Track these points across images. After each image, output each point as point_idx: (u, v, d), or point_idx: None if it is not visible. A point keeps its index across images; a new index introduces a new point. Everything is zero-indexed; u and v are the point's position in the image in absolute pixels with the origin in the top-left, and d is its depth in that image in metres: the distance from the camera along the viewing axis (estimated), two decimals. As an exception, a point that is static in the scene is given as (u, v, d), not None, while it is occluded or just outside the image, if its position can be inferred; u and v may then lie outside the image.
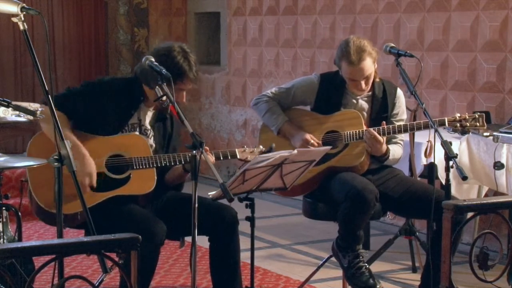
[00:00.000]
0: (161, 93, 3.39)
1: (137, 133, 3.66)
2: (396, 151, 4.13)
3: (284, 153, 3.33)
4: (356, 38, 4.00)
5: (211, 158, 3.58)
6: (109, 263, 2.52)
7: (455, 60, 5.66)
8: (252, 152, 3.68)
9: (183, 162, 3.59)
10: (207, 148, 3.63)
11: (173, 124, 3.78)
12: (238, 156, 3.64)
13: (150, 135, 3.70)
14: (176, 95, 3.44)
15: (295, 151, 3.34)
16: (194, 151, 3.17)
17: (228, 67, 7.75)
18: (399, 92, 4.19)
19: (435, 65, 5.79)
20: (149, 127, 3.70)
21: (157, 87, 3.40)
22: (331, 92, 4.12)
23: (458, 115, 3.93)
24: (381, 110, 4.13)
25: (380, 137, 3.92)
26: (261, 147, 3.73)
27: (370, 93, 4.14)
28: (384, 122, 3.98)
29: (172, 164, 3.57)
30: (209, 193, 3.37)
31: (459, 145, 4.71)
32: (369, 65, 3.96)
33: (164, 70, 3.35)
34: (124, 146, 3.58)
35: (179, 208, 3.64)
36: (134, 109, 3.66)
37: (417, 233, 4.66)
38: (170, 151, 3.76)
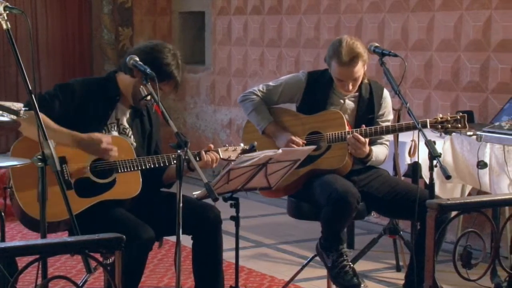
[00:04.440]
0: (146, 93, 3.38)
1: (115, 134, 3.64)
2: (380, 152, 4.13)
3: (269, 152, 3.34)
4: (350, 39, 3.98)
5: (213, 156, 3.57)
6: (93, 263, 2.51)
7: (439, 59, 5.68)
8: (234, 150, 3.67)
9: (167, 164, 3.57)
10: (211, 145, 3.63)
11: (151, 120, 3.76)
12: (221, 155, 3.63)
13: (130, 133, 3.68)
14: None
15: (280, 151, 3.34)
16: (179, 151, 3.17)
17: (212, 66, 7.75)
18: (386, 93, 4.20)
19: (419, 64, 5.81)
20: (127, 125, 3.68)
21: (141, 86, 3.39)
22: (317, 91, 4.12)
23: (440, 116, 3.94)
24: (367, 110, 4.14)
25: (363, 139, 3.92)
26: (242, 145, 3.72)
27: (357, 93, 4.14)
28: (363, 125, 3.98)
29: (157, 165, 3.56)
30: (193, 193, 3.36)
31: (442, 145, 4.73)
32: (359, 68, 3.97)
33: (148, 70, 3.34)
34: None
35: (162, 207, 3.62)
36: (111, 109, 3.64)
37: (401, 232, 4.68)
38: (152, 148, 3.74)
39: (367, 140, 3.94)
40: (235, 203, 3.45)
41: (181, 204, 3.12)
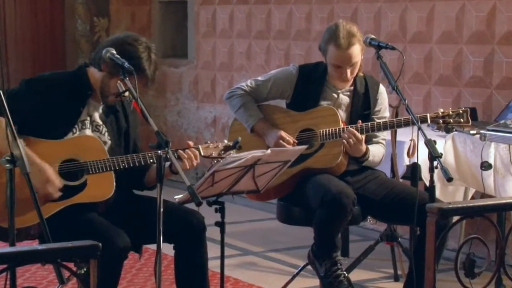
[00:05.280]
0: (123, 88, 3.37)
1: (89, 131, 3.63)
2: (377, 152, 4.14)
3: (256, 153, 3.33)
4: (346, 23, 4.05)
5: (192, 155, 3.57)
6: (66, 274, 2.50)
7: (440, 53, 5.70)
8: (216, 148, 3.66)
9: (143, 163, 3.56)
10: (190, 142, 3.62)
11: (127, 117, 3.75)
12: (201, 153, 3.63)
13: (104, 131, 3.67)
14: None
15: (269, 151, 3.35)
16: (159, 151, 3.16)
17: (196, 60, 7.74)
18: (382, 88, 4.21)
19: (418, 58, 5.83)
20: (100, 122, 3.67)
21: (118, 81, 3.38)
22: (310, 85, 4.14)
23: (441, 110, 3.96)
24: (362, 106, 4.15)
25: (359, 135, 3.93)
26: (225, 141, 3.72)
27: (351, 87, 4.16)
28: (360, 121, 4.00)
29: (131, 165, 3.55)
30: (175, 197, 3.36)
31: (444, 144, 4.74)
32: (357, 52, 4.00)
33: (126, 64, 3.34)
34: (77, 149, 3.53)
35: (141, 212, 3.62)
36: (82, 105, 3.62)
37: (400, 239, 4.69)
38: (130, 148, 3.73)
39: (363, 137, 3.96)
40: (220, 207, 3.44)
41: (161, 209, 3.11)
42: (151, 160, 3.55)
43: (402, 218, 4.04)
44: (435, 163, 3.56)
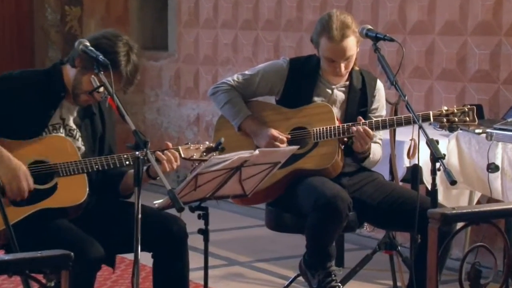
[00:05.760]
0: (97, 84, 3.37)
1: (61, 133, 3.62)
2: (376, 151, 4.17)
3: (243, 154, 3.34)
4: (340, 13, 4.06)
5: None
6: (34, 286, 2.49)
7: (442, 45, 5.71)
8: (197, 149, 3.66)
9: (118, 165, 3.56)
10: (169, 143, 3.60)
11: (104, 121, 3.74)
12: (182, 155, 3.63)
13: (77, 136, 3.66)
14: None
15: (257, 152, 3.35)
16: (137, 152, 3.16)
17: (177, 52, 7.73)
18: (379, 84, 4.23)
19: (419, 50, 5.84)
20: (74, 126, 3.66)
21: (92, 76, 3.38)
22: (302, 80, 4.15)
23: (445, 108, 3.98)
24: (359, 103, 4.17)
25: (371, 132, 3.95)
26: (207, 142, 3.72)
27: (347, 82, 4.17)
28: (360, 118, 4.01)
29: (106, 167, 3.54)
30: (154, 202, 3.35)
31: (447, 144, 4.76)
32: (352, 45, 4.01)
33: (101, 57, 3.33)
34: (47, 150, 3.52)
35: (116, 219, 3.61)
36: (55, 107, 3.61)
37: (399, 248, 4.70)
38: (105, 153, 3.72)
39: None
40: (203, 213, 3.44)
41: (139, 216, 3.11)
42: (127, 162, 3.54)
43: (402, 224, 4.05)
44: (437, 164, 3.57)
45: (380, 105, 4.23)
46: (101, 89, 3.39)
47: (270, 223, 4.26)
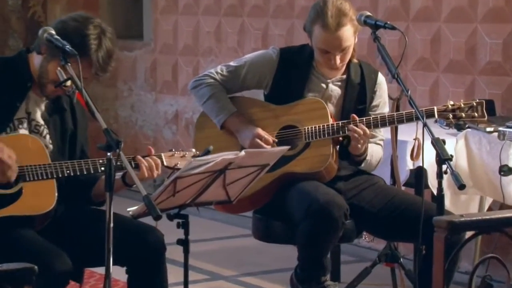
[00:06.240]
0: (64, 76, 3.37)
1: (24, 131, 3.61)
2: (375, 152, 4.17)
3: (228, 155, 3.34)
4: None
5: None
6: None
7: (449, 33, 5.73)
8: (183, 157, 3.67)
9: (92, 171, 3.55)
10: (151, 148, 3.60)
11: (75, 117, 3.74)
12: (164, 163, 3.64)
13: (44, 132, 3.66)
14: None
15: (243, 153, 3.36)
16: (109, 154, 3.16)
17: (153, 42, 7.72)
18: (381, 78, 4.23)
19: (424, 40, 5.86)
20: (41, 122, 3.66)
21: (58, 69, 3.37)
22: (293, 73, 4.15)
23: (451, 103, 3.99)
24: (357, 99, 4.17)
25: (369, 132, 3.95)
26: (193, 150, 3.73)
27: (344, 76, 4.18)
28: (354, 115, 4.01)
29: (78, 173, 3.54)
30: (128, 209, 3.36)
31: (455, 144, 4.77)
32: (349, 34, 4.02)
33: (68, 46, 3.33)
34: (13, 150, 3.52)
35: (86, 229, 3.61)
36: (20, 100, 3.61)
37: (402, 260, 4.72)
38: (76, 155, 3.72)
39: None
40: (183, 222, 3.45)
41: (111, 225, 3.11)
42: (103, 168, 3.52)
43: (405, 234, 4.06)
44: (444, 167, 3.58)
45: (382, 102, 4.22)
46: (69, 82, 3.39)
47: (257, 232, 4.27)
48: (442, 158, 3.57)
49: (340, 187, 4.09)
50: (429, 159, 4.15)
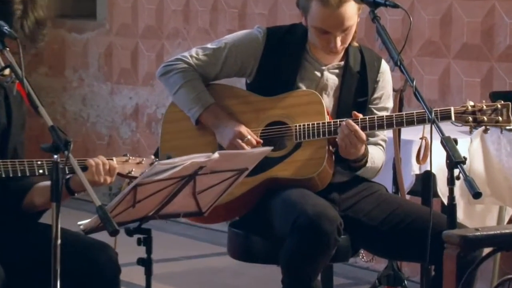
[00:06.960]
0: (2, 64, 3.35)
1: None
2: (377, 156, 4.17)
3: (199, 157, 3.34)
4: None
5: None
6: None
7: (462, 12, 5.75)
8: (139, 164, 3.66)
9: (28, 173, 3.54)
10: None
11: (10, 113, 3.74)
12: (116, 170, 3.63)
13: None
14: None
15: (216, 155, 3.35)
16: (55, 156, 3.15)
17: (108, 22, 7.71)
18: (385, 66, 4.23)
19: (432, 19, 5.88)
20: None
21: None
22: (282, 57, 4.15)
23: (471, 103, 3.98)
24: (357, 90, 4.17)
25: (362, 133, 3.95)
26: (152, 157, 3.72)
27: (342, 62, 4.18)
28: (355, 112, 4.01)
29: (11, 174, 3.53)
30: (79, 223, 3.35)
31: (469, 145, 4.79)
32: (353, 12, 4.02)
33: (6, 28, 3.32)
34: None
35: (27, 247, 3.60)
36: None
37: (406, 282, 4.73)
38: (8, 154, 3.71)
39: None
40: (145, 238, 3.44)
41: (58, 241, 3.10)
42: (41, 171, 3.52)
43: (410, 251, 4.07)
44: (456, 171, 3.59)
45: (385, 94, 4.22)
46: (7, 71, 3.38)
47: (234, 250, 4.26)
48: (454, 161, 3.57)
49: (334, 197, 4.09)
50: (438, 162, 4.16)
